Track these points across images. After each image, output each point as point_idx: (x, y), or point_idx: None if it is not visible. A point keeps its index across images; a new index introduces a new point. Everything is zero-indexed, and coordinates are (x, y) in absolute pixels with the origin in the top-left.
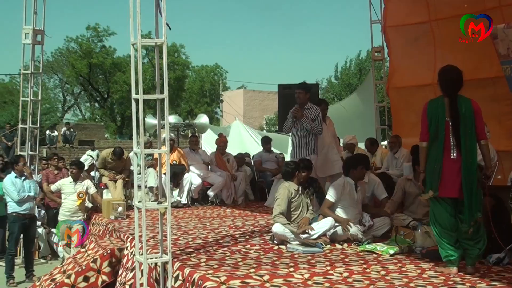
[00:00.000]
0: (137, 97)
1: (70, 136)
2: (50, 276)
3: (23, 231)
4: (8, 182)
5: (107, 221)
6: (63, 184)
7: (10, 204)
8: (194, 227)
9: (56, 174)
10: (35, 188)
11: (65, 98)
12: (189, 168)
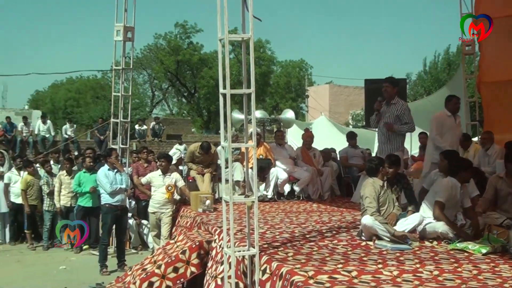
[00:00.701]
0: (225, 92)
1: (159, 130)
2: (141, 265)
3: (116, 222)
4: (101, 175)
5: (195, 213)
6: (152, 177)
7: (103, 195)
8: (280, 221)
9: (146, 167)
10: (127, 180)
11: (154, 93)
12: (275, 162)
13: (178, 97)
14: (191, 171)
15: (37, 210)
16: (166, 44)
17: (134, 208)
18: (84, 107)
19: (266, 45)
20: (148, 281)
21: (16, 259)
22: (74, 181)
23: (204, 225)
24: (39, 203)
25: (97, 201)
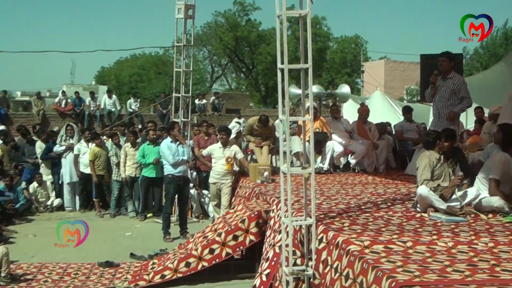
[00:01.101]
0: (282, 67)
1: (218, 105)
2: (202, 233)
3: (178, 192)
4: (164, 147)
5: (253, 184)
6: (213, 149)
7: (166, 166)
8: (336, 192)
9: (206, 139)
10: (188, 152)
11: (213, 69)
12: (332, 136)
13: (237, 73)
14: (250, 143)
15: (104, 180)
16: (225, 22)
17: (196, 179)
18: (147, 82)
19: (322, 21)
20: (209, 248)
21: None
22: (138, 153)
23: (262, 196)
24: (106, 173)
25: (160, 172)
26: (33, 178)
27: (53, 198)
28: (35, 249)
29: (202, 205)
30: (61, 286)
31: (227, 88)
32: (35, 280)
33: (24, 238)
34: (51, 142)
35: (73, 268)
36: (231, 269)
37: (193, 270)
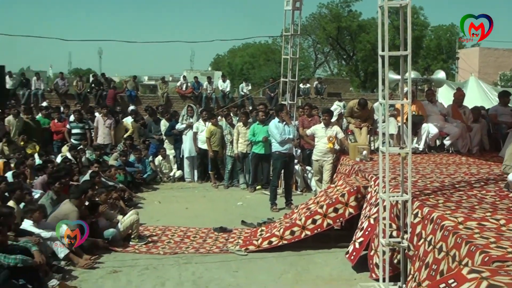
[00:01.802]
0: (383, 54)
1: (321, 89)
2: (305, 205)
3: (284, 167)
4: (272, 126)
5: (353, 162)
6: (316, 129)
7: (274, 144)
8: (431, 171)
9: (309, 120)
10: (294, 131)
11: (317, 56)
12: (427, 118)
13: (338, 60)
14: (350, 124)
15: (218, 155)
16: (329, 13)
17: (300, 156)
18: (257, 68)
19: (420, 11)
20: (312, 219)
21: (202, 195)
22: (249, 132)
23: (361, 173)
24: (220, 149)
25: (269, 149)
26: (158, 152)
27: (175, 170)
28: (159, 214)
29: (305, 180)
30: (182, 247)
31: (329, 73)
32: (159, 240)
33: (151, 204)
34: (173, 121)
35: (192, 232)
36: (331, 239)
37: (297, 238)
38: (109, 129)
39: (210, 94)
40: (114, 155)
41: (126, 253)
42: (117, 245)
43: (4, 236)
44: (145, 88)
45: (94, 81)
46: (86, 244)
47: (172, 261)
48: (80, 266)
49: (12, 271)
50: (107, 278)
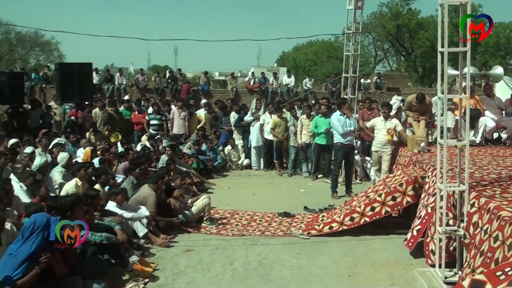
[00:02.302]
0: (443, 50)
1: (380, 84)
2: (365, 193)
3: (345, 157)
4: (334, 119)
5: (411, 153)
6: (376, 121)
7: (335, 136)
8: (488, 163)
9: (369, 113)
10: (354, 124)
11: (377, 53)
12: (484, 112)
13: (397, 56)
14: (408, 118)
15: (283, 146)
16: (388, 11)
17: (360, 147)
18: (319, 64)
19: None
20: (370, 206)
21: (268, 182)
22: (312, 124)
23: (418, 164)
24: (285, 140)
25: (330, 140)
26: (228, 142)
27: (243, 159)
28: (228, 199)
29: (364, 170)
30: (249, 229)
31: (388, 69)
32: (228, 223)
33: (220, 189)
34: (242, 113)
35: (258, 216)
36: (389, 225)
37: (356, 224)
38: (183, 120)
39: (275, 89)
40: (188, 144)
41: (198, 233)
42: (190, 226)
43: (91, 216)
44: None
45: (170, 76)
46: (162, 225)
47: (240, 242)
48: (157, 244)
49: (98, 247)
50: (181, 256)
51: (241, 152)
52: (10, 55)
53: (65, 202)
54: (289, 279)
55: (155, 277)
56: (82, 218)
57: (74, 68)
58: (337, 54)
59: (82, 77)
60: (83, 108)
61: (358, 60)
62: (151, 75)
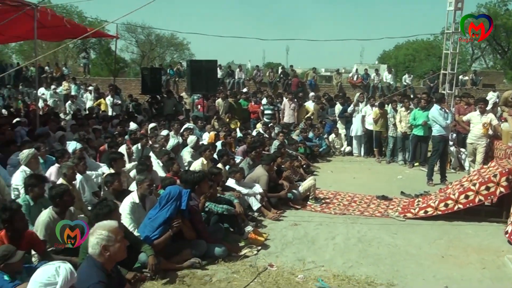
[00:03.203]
0: None
1: (476, 80)
2: (459, 182)
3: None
4: (436, 113)
5: (505, 146)
6: (472, 116)
7: (436, 128)
8: None
9: (465, 108)
10: (451, 117)
11: (473, 51)
12: None
13: (493, 54)
14: (504, 113)
15: (382, 135)
16: (486, 11)
17: (455, 139)
18: (418, 62)
19: None
20: (464, 194)
21: (368, 167)
22: (411, 116)
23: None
24: (384, 130)
25: (427, 131)
26: (332, 131)
27: (345, 146)
28: (331, 181)
29: (459, 160)
30: (349, 209)
31: (484, 66)
32: (331, 203)
33: (324, 172)
34: (346, 105)
35: (358, 198)
36: (482, 213)
37: (450, 210)
38: (293, 110)
39: (377, 84)
40: (296, 132)
41: (304, 210)
42: (297, 203)
43: (215, 190)
44: (322, 78)
45: (282, 72)
46: (273, 201)
47: (341, 220)
48: (268, 217)
49: (219, 216)
50: (289, 229)
51: (344, 140)
52: (151, 53)
53: (194, 177)
54: (385, 256)
55: (266, 245)
56: (207, 192)
57: (202, 65)
58: (436, 52)
59: (208, 72)
60: (208, 98)
61: (456, 58)
62: (265, 70)
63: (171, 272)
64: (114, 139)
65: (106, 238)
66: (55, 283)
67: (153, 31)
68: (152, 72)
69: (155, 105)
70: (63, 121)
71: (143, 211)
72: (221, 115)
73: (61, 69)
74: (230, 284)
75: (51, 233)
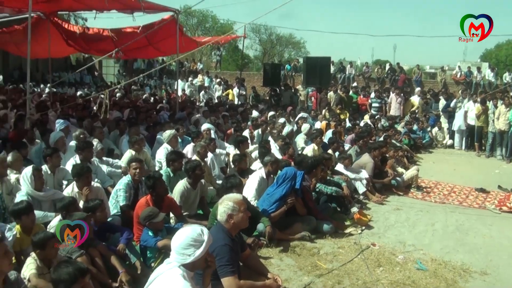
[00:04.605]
0: None
1: None
2: None
3: None
4: None
5: None
6: None
7: None
8: None
9: None
10: None
11: None
12: None
13: None
14: None
15: (483, 130)
16: None
17: None
18: None
19: None
20: None
21: (468, 161)
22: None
23: None
24: (485, 125)
25: None
26: (435, 124)
27: (447, 139)
28: (433, 171)
29: None
30: (449, 199)
31: None
32: (432, 192)
33: (426, 163)
34: (449, 101)
35: (458, 189)
36: None
37: None
38: (399, 104)
39: (479, 81)
40: (401, 124)
41: (406, 197)
42: (400, 190)
43: (325, 173)
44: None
45: (390, 68)
46: (378, 186)
47: (440, 208)
48: (373, 201)
49: (328, 197)
50: (392, 213)
51: (446, 133)
52: (271, 51)
53: (310, 162)
54: (480, 246)
55: (370, 226)
56: (319, 175)
57: (316, 61)
58: None
59: (322, 67)
60: (321, 91)
61: None
62: (374, 67)
63: (284, 242)
64: (239, 125)
65: (232, 208)
66: (202, 241)
67: (274, 31)
68: (272, 67)
69: (274, 97)
70: (197, 108)
71: (266, 186)
72: (332, 106)
73: (196, 64)
74: (335, 258)
75: (185, 200)
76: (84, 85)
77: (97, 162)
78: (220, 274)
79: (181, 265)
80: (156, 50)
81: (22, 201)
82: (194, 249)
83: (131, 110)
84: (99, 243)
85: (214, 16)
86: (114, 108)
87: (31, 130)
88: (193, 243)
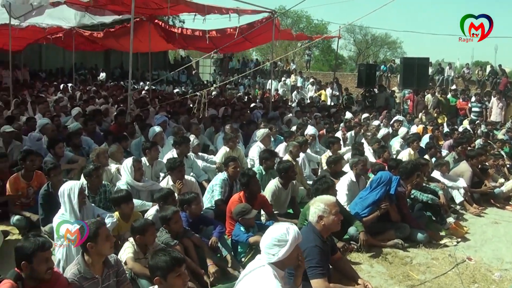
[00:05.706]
0: None
1: None
2: None
3: None
4: None
5: None
6: None
7: None
8: None
9: None
10: None
11: None
12: None
13: None
14: None
15: None
16: None
17: None
18: None
19: None
20: None
21: None
22: None
23: None
24: None
25: None
26: None
27: None
28: None
29: None
30: None
31: None
32: None
33: None
34: None
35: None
36: None
37: None
38: (501, 109)
39: None
40: (502, 131)
41: (505, 210)
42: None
43: (421, 180)
44: None
45: (491, 71)
46: (476, 196)
47: None
48: (470, 212)
49: (424, 204)
50: (489, 226)
51: None
52: (366, 51)
53: (409, 167)
54: None
55: (466, 238)
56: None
57: (414, 62)
58: None
59: (420, 69)
60: (418, 93)
61: None
62: (474, 69)
63: (375, 248)
64: (331, 125)
65: (322, 210)
66: (286, 240)
67: (369, 31)
68: (367, 68)
69: (368, 98)
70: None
71: (357, 189)
72: (430, 110)
73: (290, 64)
74: (428, 269)
75: (276, 199)
76: (181, 83)
77: (193, 157)
78: (309, 275)
79: (271, 263)
80: (251, 44)
81: (122, 190)
82: (278, 248)
83: (225, 108)
84: (193, 234)
85: (308, 16)
86: (209, 106)
87: (132, 124)
88: (276, 243)
